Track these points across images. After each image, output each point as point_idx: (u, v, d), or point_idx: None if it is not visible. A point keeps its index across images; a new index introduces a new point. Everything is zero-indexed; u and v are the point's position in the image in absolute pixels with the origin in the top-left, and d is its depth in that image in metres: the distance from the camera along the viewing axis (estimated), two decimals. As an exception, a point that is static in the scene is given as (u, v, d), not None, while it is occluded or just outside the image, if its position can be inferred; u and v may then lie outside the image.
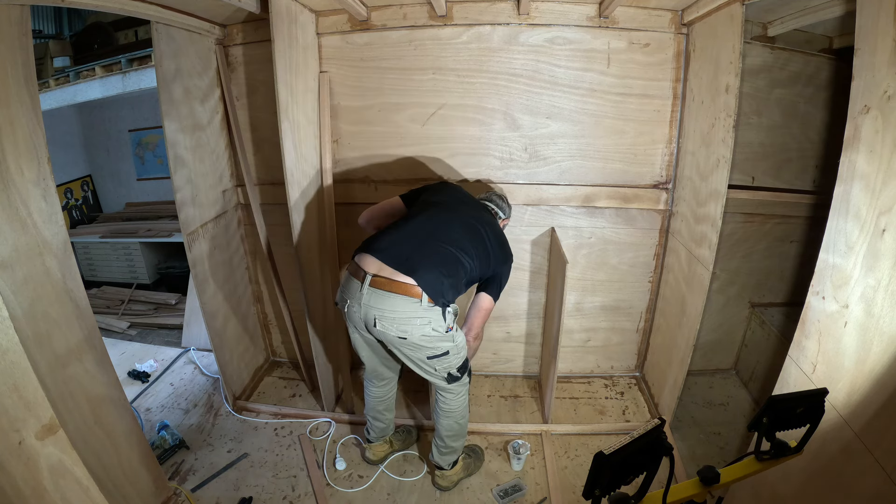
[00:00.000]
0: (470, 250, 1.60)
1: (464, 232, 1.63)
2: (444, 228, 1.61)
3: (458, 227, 1.63)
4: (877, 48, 1.08)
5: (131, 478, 1.65)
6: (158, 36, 1.78)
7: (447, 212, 1.68)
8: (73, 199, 4.60)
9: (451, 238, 1.59)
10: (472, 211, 1.74)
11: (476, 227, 1.66)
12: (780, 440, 0.96)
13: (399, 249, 1.55)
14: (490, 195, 1.95)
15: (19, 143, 1.26)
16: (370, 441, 2.03)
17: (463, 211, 1.72)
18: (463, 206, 1.75)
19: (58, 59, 3.76)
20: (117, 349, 3.04)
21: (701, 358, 2.56)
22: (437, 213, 1.67)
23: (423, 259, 1.52)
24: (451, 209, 1.70)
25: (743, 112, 2.05)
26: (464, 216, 1.68)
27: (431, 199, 1.75)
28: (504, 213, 1.91)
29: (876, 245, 1.08)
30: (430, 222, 1.63)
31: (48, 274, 1.35)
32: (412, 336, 1.53)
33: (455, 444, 1.83)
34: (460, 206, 1.75)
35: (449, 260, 1.55)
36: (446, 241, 1.58)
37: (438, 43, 2.05)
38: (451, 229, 1.62)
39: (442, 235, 1.59)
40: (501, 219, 1.89)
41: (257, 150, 2.33)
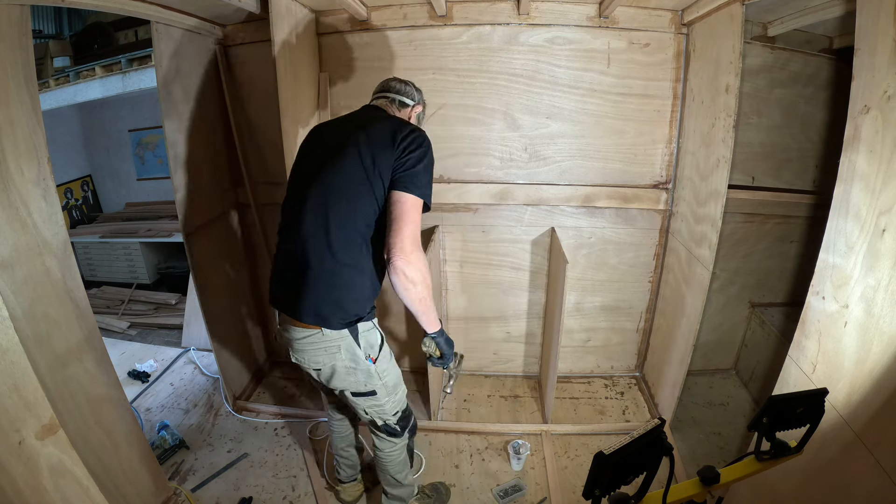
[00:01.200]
0: (351, 197, 1.24)
1: (335, 190, 1.25)
2: (311, 220, 1.27)
3: (323, 196, 1.26)
4: (877, 48, 1.08)
5: (131, 478, 1.65)
6: (158, 36, 1.78)
7: (308, 186, 1.30)
8: (73, 199, 4.60)
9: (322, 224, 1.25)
10: (339, 141, 1.30)
11: (345, 161, 1.25)
12: (780, 440, 0.96)
13: (279, 285, 1.36)
14: (385, 83, 1.52)
15: (19, 143, 1.26)
16: (341, 481, 1.84)
17: (327, 161, 1.29)
18: (326, 152, 1.31)
19: (58, 59, 3.76)
20: (117, 349, 3.04)
21: (701, 358, 2.56)
22: (297, 204, 1.32)
23: (303, 288, 1.27)
24: (309, 178, 1.31)
25: (743, 112, 2.05)
26: (326, 170, 1.27)
27: (294, 179, 1.40)
28: (408, 97, 1.50)
29: (876, 245, 1.08)
30: (295, 227, 1.31)
31: (48, 274, 1.35)
32: (325, 368, 1.34)
33: (398, 492, 1.65)
34: (323, 153, 1.32)
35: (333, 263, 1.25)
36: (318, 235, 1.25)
37: (438, 43, 2.04)
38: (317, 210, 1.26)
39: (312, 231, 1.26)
40: (406, 105, 1.49)
41: (257, 151, 2.33)
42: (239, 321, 2.49)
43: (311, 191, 1.29)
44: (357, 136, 1.28)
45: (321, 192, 1.27)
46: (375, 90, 1.54)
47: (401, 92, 1.49)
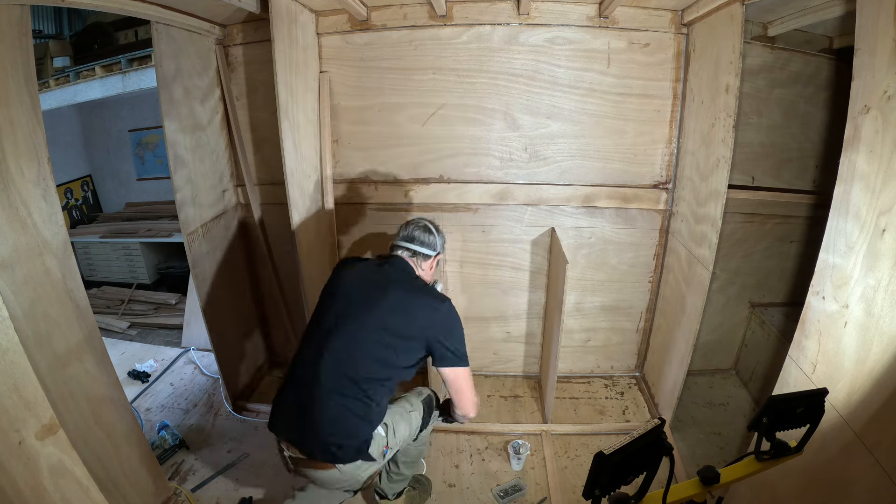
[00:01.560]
0: (377, 356, 1.36)
1: (360, 344, 1.36)
2: (333, 363, 1.35)
3: (350, 346, 1.36)
4: (877, 48, 1.08)
5: (131, 478, 1.65)
6: (158, 36, 1.78)
7: (334, 334, 1.38)
8: (73, 199, 4.60)
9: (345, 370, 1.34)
10: (370, 294, 1.41)
11: (375, 317, 1.37)
12: (780, 440, 0.96)
13: (289, 422, 1.37)
14: (410, 231, 1.56)
15: (19, 143, 1.26)
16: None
17: (355, 311, 1.39)
18: (353, 302, 1.41)
19: (58, 59, 3.76)
20: (117, 349, 3.04)
21: (701, 358, 2.56)
22: (319, 346, 1.38)
23: (315, 427, 1.32)
24: (338, 325, 1.39)
25: (743, 112, 2.05)
26: (357, 320, 1.38)
27: (318, 320, 1.46)
28: (431, 248, 1.55)
29: (876, 245, 1.08)
30: (312, 366, 1.37)
31: (48, 274, 1.35)
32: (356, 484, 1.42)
33: (408, 471, 1.70)
34: (349, 304, 1.42)
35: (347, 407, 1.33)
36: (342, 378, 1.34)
37: (438, 43, 2.04)
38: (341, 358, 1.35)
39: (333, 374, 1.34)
40: (429, 257, 1.55)
41: (257, 150, 2.33)
42: (239, 321, 2.49)
43: (333, 343, 1.37)
44: (384, 308, 1.38)
45: (342, 349, 1.37)
46: (400, 234, 1.59)
47: (424, 243, 1.55)
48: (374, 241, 2.39)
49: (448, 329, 1.42)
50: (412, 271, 1.52)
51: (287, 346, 2.74)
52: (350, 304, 1.42)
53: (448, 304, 1.43)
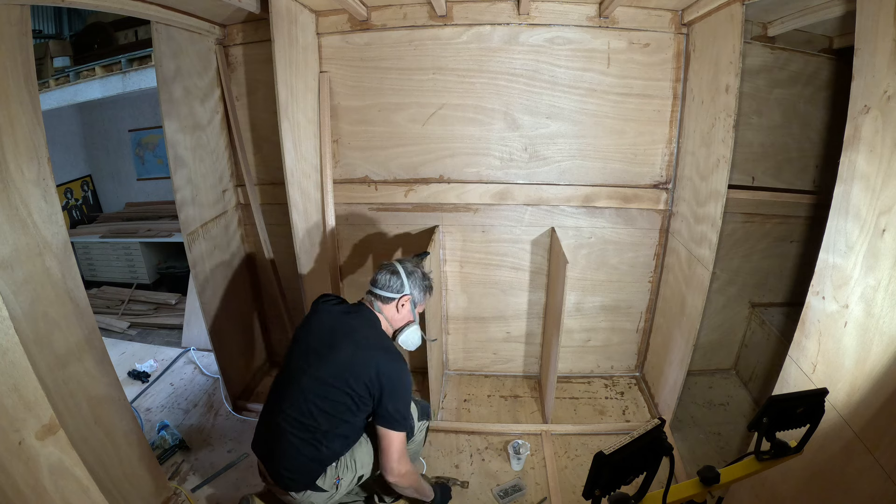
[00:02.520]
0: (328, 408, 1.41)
1: (311, 395, 1.42)
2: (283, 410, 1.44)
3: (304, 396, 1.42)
4: (877, 48, 1.08)
5: (131, 478, 1.65)
6: (158, 36, 1.78)
7: (293, 381, 1.47)
8: (73, 199, 4.60)
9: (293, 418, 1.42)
10: (328, 346, 1.46)
11: (327, 372, 1.42)
12: (780, 440, 0.96)
13: (261, 447, 1.50)
14: (375, 275, 1.59)
15: (19, 143, 1.26)
16: None
17: (312, 363, 1.45)
18: (313, 353, 1.47)
19: (58, 59, 3.76)
20: (117, 349, 3.04)
21: (701, 358, 2.56)
22: (283, 388, 1.48)
23: (274, 458, 1.44)
24: (297, 373, 1.47)
25: (743, 112, 2.05)
26: (311, 374, 1.44)
27: (287, 362, 1.55)
28: (394, 291, 1.54)
29: (876, 245, 1.08)
30: (277, 404, 1.47)
31: (48, 274, 1.35)
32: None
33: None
34: (309, 355, 1.48)
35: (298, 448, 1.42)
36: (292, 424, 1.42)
37: (438, 43, 2.04)
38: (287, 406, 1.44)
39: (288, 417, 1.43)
40: (390, 300, 1.54)
41: (257, 150, 2.33)
42: (239, 321, 2.49)
43: (293, 389, 1.45)
44: (336, 363, 1.42)
45: (298, 397, 1.43)
46: (374, 273, 1.61)
47: (385, 286, 1.55)
48: (374, 242, 2.39)
49: (390, 389, 1.41)
50: (375, 320, 1.54)
51: (287, 346, 2.74)
52: (309, 355, 1.47)
53: (395, 365, 1.44)
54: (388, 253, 2.41)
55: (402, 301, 1.55)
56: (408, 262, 1.62)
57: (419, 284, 1.59)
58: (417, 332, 1.62)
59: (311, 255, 2.16)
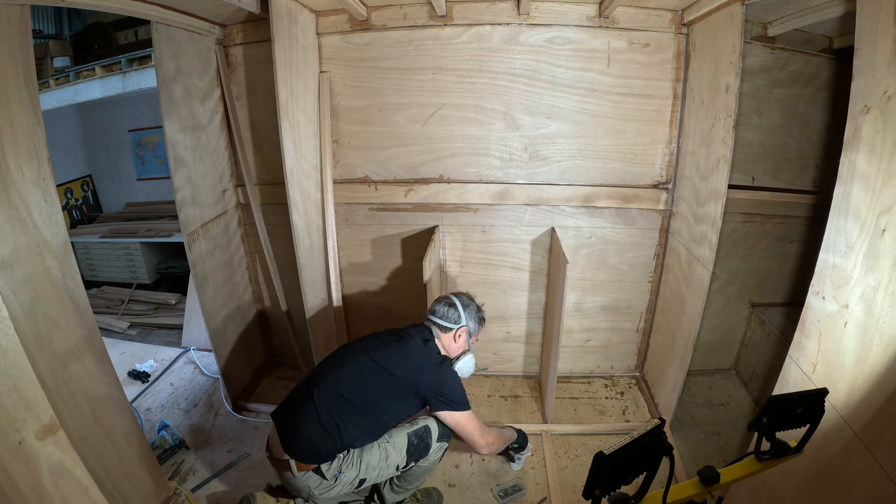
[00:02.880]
0: (373, 394, 1.52)
1: (359, 377, 1.53)
2: (318, 383, 1.55)
3: (336, 374, 1.55)
4: (877, 48, 1.07)
5: (131, 478, 1.65)
6: (158, 36, 1.78)
7: (344, 362, 1.58)
8: (73, 199, 4.60)
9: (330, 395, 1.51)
10: (385, 342, 1.61)
11: (381, 359, 1.55)
12: (780, 440, 0.96)
13: (284, 415, 1.56)
14: (433, 305, 1.73)
15: (19, 143, 1.26)
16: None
17: (368, 350, 1.59)
18: (370, 344, 1.62)
19: (58, 59, 3.76)
20: (117, 349, 3.04)
21: (701, 358, 2.56)
22: (330, 367, 1.59)
23: (296, 428, 1.50)
24: (350, 357, 1.59)
25: (743, 112, 2.05)
26: (356, 361, 1.56)
27: (341, 349, 1.69)
28: (452, 322, 1.68)
29: (876, 245, 1.08)
30: (317, 381, 1.57)
31: (48, 274, 1.35)
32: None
33: (409, 485, 1.73)
34: (367, 344, 1.63)
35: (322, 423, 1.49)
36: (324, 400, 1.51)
37: (438, 43, 2.04)
38: (324, 380, 1.55)
39: (327, 393, 1.52)
40: (449, 330, 1.68)
41: (257, 150, 2.33)
42: (239, 321, 2.49)
43: (340, 369, 1.57)
44: (390, 354, 1.57)
45: (343, 376, 1.55)
46: (430, 306, 1.76)
47: (444, 317, 1.69)
48: (375, 242, 2.39)
49: (438, 381, 1.56)
50: (429, 335, 1.68)
51: (287, 347, 2.74)
52: (360, 350, 1.60)
53: (443, 364, 1.60)
54: (389, 253, 2.41)
55: (459, 332, 1.69)
56: (462, 295, 1.77)
57: (474, 316, 1.74)
58: (472, 360, 1.74)
59: (311, 255, 2.16)
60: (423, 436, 1.62)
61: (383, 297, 2.50)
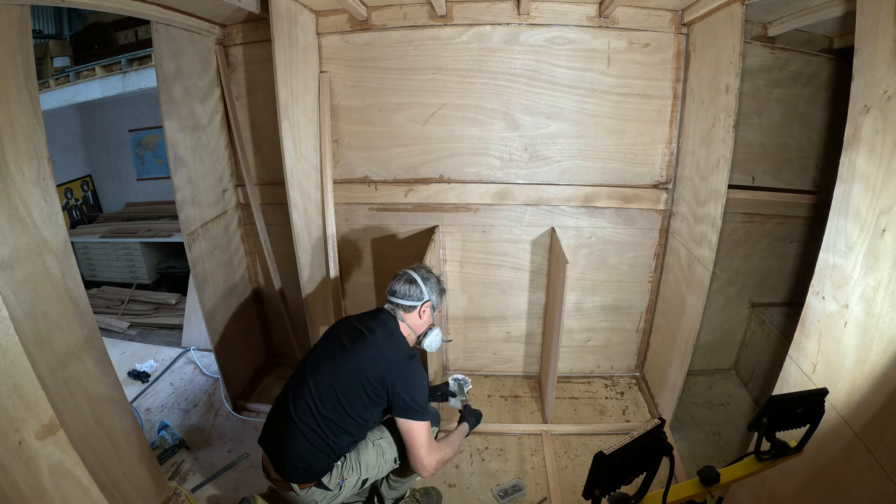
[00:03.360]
0: (344, 402, 1.45)
1: (329, 390, 1.46)
2: (295, 402, 1.48)
3: (321, 390, 1.46)
4: (877, 48, 1.08)
5: (131, 478, 1.65)
6: (158, 36, 1.78)
7: (312, 376, 1.50)
8: (73, 199, 4.60)
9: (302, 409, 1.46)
10: (346, 345, 1.52)
11: (347, 367, 1.47)
12: (780, 440, 0.96)
13: (270, 440, 1.51)
14: (392, 285, 1.62)
15: (19, 143, 1.26)
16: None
17: (332, 360, 1.51)
18: (332, 351, 1.54)
19: (58, 59, 3.76)
20: (117, 349, 3.04)
21: (701, 358, 2.56)
22: (301, 382, 1.51)
23: (283, 451, 1.45)
24: (316, 369, 1.51)
25: (743, 112, 2.05)
26: (332, 368, 1.48)
27: (307, 359, 1.59)
28: (415, 298, 1.58)
29: (876, 245, 1.08)
30: (292, 396, 1.50)
31: (48, 274, 1.35)
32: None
33: (406, 481, 1.72)
34: (329, 352, 1.54)
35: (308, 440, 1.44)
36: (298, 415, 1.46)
37: (438, 43, 2.04)
38: (300, 398, 1.48)
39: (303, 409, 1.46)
40: (412, 308, 1.58)
41: (257, 150, 2.33)
42: (239, 321, 2.49)
43: (310, 384, 1.48)
44: (354, 359, 1.48)
45: (314, 391, 1.47)
46: (388, 287, 1.64)
47: (406, 295, 1.59)
48: (374, 242, 2.39)
49: (403, 378, 1.46)
50: (393, 324, 1.58)
51: (287, 346, 2.74)
52: (330, 352, 1.53)
53: (411, 359, 1.50)
54: (389, 253, 2.41)
55: (423, 308, 1.61)
56: (420, 268, 1.66)
57: (435, 289, 1.65)
58: (439, 334, 1.68)
59: (311, 255, 2.16)
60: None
61: (383, 296, 2.50)
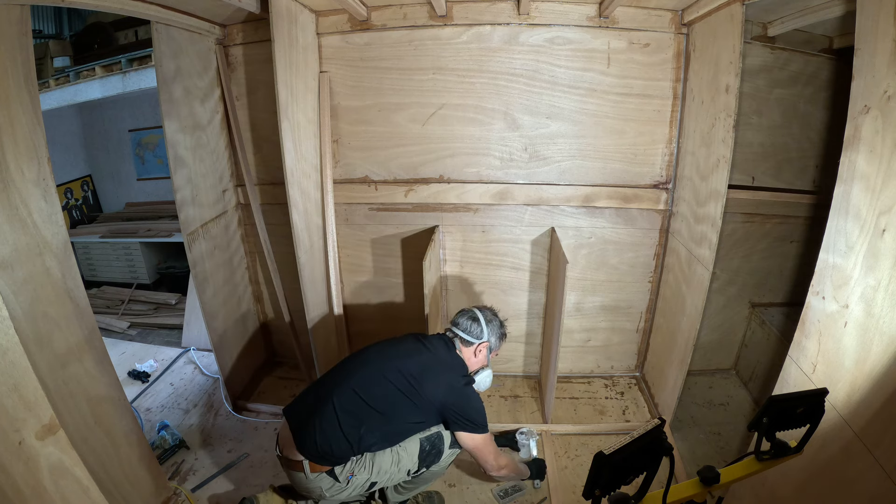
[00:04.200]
0: (388, 397, 1.50)
1: (378, 380, 1.52)
2: (339, 385, 1.53)
3: (370, 379, 1.52)
4: (877, 48, 1.07)
5: (131, 478, 1.65)
6: (158, 36, 1.78)
7: (364, 365, 1.58)
8: (73, 199, 4.60)
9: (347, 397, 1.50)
10: (408, 348, 1.61)
11: (402, 364, 1.54)
12: (780, 440, 0.96)
13: (298, 414, 1.54)
14: (457, 318, 1.71)
15: (19, 143, 1.26)
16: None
17: (388, 354, 1.59)
18: (391, 348, 1.63)
19: (58, 59, 3.76)
20: (117, 349, 3.04)
21: (701, 358, 2.56)
22: (349, 368, 1.58)
23: (311, 428, 1.48)
24: (370, 359, 1.59)
25: (743, 112, 2.05)
26: (385, 360, 1.56)
27: (360, 351, 1.67)
28: (474, 336, 1.66)
29: (876, 245, 1.08)
30: (335, 381, 1.55)
31: (48, 274, 1.35)
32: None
33: (416, 488, 1.75)
34: (388, 348, 1.63)
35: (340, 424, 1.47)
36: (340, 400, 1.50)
37: (438, 43, 2.04)
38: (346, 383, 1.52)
39: (346, 394, 1.50)
40: (470, 344, 1.66)
41: (257, 150, 2.33)
42: (239, 321, 2.49)
43: (360, 371, 1.55)
44: (413, 361, 1.56)
45: (363, 378, 1.54)
46: (454, 318, 1.73)
47: (467, 330, 1.67)
48: (374, 242, 2.39)
49: (464, 401, 1.55)
50: (452, 348, 1.67)
51: (287, 347, 2.74)
52: (389, 347, 1.63)
53: (469, 385, 1.59)
54: (389, 253, 2.41)
55: (480, 347, 1.67)
56: (487, 310, 1.74)
57: (497, 332, 1.72)
58: (490, 376, 1.74)
59: (311, 255, 2.16)
60: (435, 442, 1.61)
61: (383, 296, 2.50)
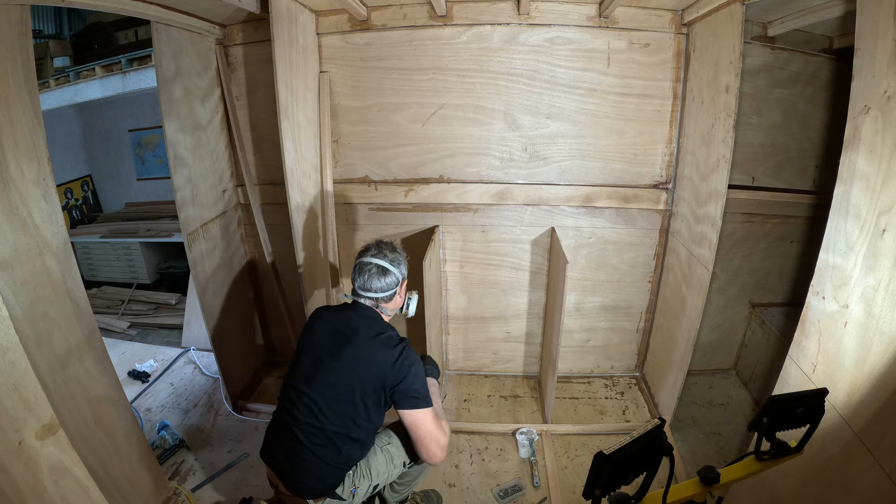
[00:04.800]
0: (344, 412, 1.40)
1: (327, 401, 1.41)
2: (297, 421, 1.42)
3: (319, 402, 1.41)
4: (877, 48, 1.08)
5: (131, 478, 1.65)
6: (158, 36, 1.78)
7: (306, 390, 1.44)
8: (73, 199, 4.60)
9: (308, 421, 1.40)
10: (333, 351, 1.45)
11: (339, 375, 1.41)
12: (780, 440, 0.96)
13: (274, 457, 1.45)
14: (364, 281, 1.51)
15: (19, 143, 1.26)
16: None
17: (321, 371, 1.44)
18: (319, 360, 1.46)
19: (58, 59, 3.76)
20: (117, 349, 3.04)
21: (701, 358, 2.56)
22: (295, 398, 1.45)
23: (291, 468, 1.40)
24: (309, 382, 1.45)
25: (743, 112, 2.05)
26: (323, 380, 1.43)
27: (293, 372, 1.52)
28: (391, 287, 1.51)
29: (876, 245, 1.08)
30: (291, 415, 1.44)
31: (48, 274, 1.35)
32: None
33: (410, 483, 1.72)
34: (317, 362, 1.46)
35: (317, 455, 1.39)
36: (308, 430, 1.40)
37: (438, 43, 2.04)
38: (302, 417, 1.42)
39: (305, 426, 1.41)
40: (393, 294, 1.53)
41: (257, 150, 2.33)
42: (239, 321, 2.49)
43: (306, 398, 1.43)
44: (345, 365, 1.42)
45: (313, 405, 1.42)
46: (356, 283, 1.52)
47: (382, 289, 1.51)
48: (374, 241, 2.39)
49: (401, 374, 1.40)
50: (376, 316, 1.53)
51: (287, 346, 2.74)
52: (317, 360, 1.47)
53: (401, 348, 1.43)
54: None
55: (400, 289, 1.58)
56: (383, 252, 1.55)
57: (404, 262, 1.59)
58: (415, 297, 1.70)
59: (311, 255, 2.16)
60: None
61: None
